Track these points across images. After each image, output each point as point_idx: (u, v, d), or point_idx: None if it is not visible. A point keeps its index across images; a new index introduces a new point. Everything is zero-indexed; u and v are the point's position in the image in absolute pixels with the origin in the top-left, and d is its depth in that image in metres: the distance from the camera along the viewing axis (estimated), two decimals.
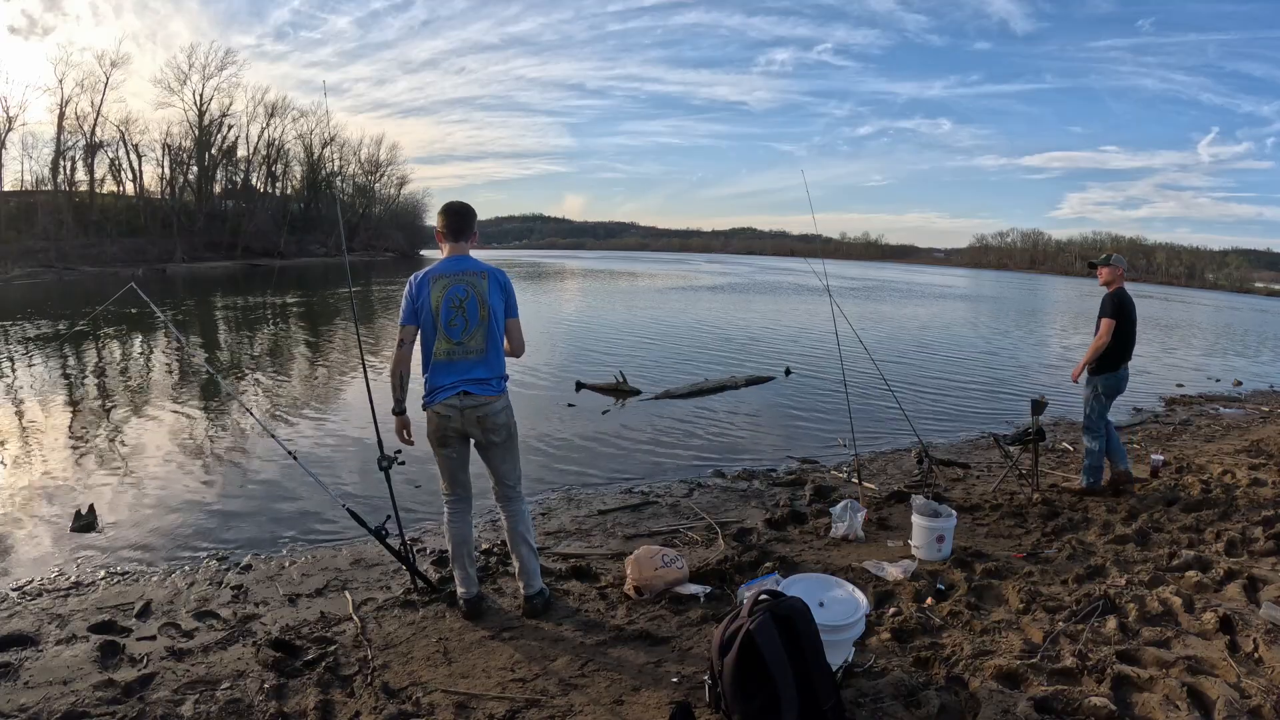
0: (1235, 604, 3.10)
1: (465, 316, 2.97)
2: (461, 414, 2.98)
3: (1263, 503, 4.65)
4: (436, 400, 2.99)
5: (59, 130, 42.42)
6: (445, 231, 3.09)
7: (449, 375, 2.98)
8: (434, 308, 2.95)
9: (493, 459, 3.12)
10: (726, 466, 6.01)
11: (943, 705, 2.36)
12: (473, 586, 3.16)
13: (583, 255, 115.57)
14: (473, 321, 2.97)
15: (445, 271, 3.00)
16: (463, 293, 2.97)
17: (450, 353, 2.96)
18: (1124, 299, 4.86)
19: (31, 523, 4.46)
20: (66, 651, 2.86)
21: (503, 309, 3.05)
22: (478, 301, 2.98)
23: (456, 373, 2.97)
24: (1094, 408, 4.93)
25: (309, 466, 3.72)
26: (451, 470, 3.13)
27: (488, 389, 3.01)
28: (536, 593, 3.16)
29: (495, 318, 3.02)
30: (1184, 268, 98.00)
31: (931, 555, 3.72)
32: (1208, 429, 7.93)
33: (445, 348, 2.96)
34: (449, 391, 2.96)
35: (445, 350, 2.96)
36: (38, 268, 33.13)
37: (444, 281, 2.98)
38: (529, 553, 3.17)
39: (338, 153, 63.97)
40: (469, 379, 2.98)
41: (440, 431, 3.03)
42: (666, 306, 23.75)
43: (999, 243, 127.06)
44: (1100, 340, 4.76)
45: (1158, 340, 19.47)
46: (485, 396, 3.00)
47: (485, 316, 2.99)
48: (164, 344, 12.37)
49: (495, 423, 3.04)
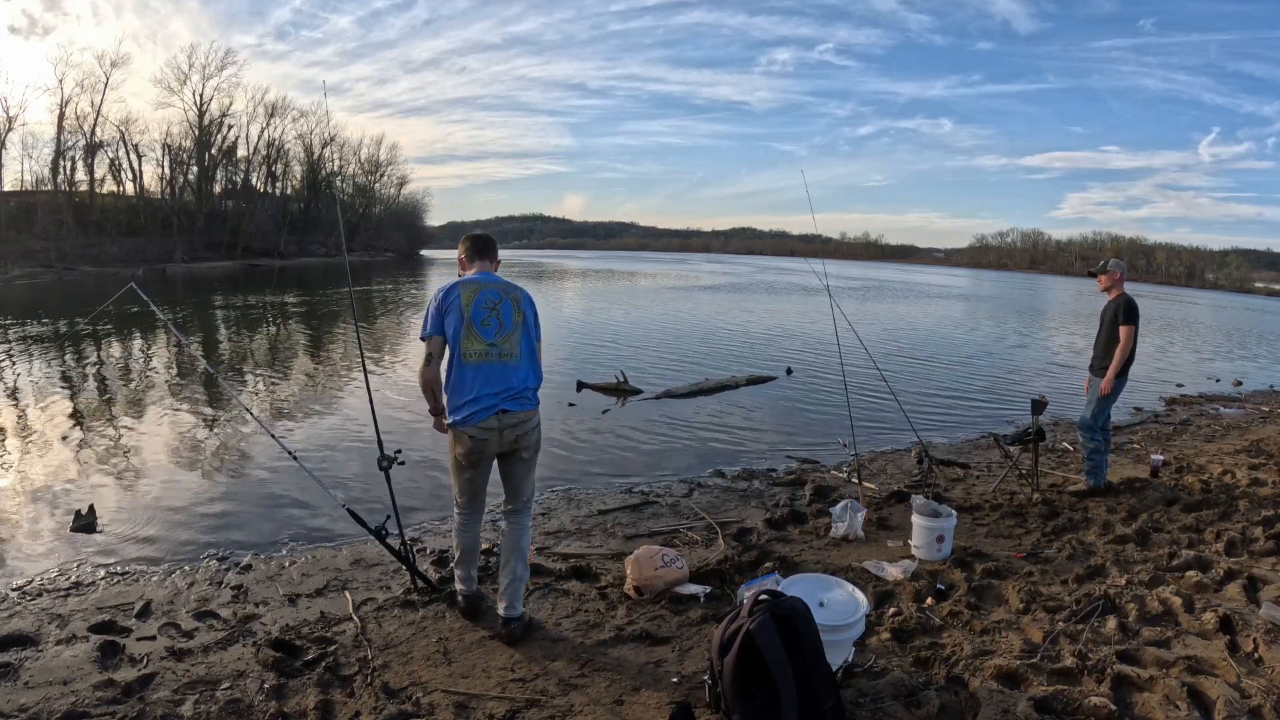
0: (1235, 604, 3.10)
1: (500, 319, 2.81)
2: (500, 434, 2.80)
3: (1263, 503, 4.65)
4: (472, 422, 2.75)
5: (59, 130, 42.43)
6: (469, 251, 3.03)
7: (484, 385, 2.75)
8: (464, 306, 2.77)
9: (515, 474, 2.98)
10: (726, 466, 6.01)
11: (943, 705, 2.36)
12: (473, 585, 3.14)
13: (582, 255, 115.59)
14: (507, 325, 2.82)
15: (476, 279, 2.88)
16: (496, 296, 2.84)
17: (484, 354, 2.76)
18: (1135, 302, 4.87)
19: (31, 523, 4.45)
20: (66, 651, 2.86)
21: (534, 323, 2.94)
22: (512, 306, 2.85)
23: (493, 382, 2.76)
24: (1101, 409, 4.90)
25: (309, 466, 3.72)
26: (474, 489, 2.98)
27: (526, 404, 2.84)
28: (516, 617, 2.93)
29: (529, 327, 2.89)
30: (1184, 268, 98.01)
31: (931, 555, 3.72)
32: (1208, 429, 7.92)
33: (478, 348, 2.75)
34: (486, 411, 2.75)
35: (478, 351, 2.75)
36: (38, 268, 33.12)
37: (475, 285, 2.84)
38: (522, 569, 2.98)
39: (338, 153, 64.03)
40: (507, 393, 2.77)
41: (473, 454, 2.83)
42: (667, 306, 23.76)
43: (999, 243, 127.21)
44: (1125, 346, 4.72)
45: (1158, 340, 19.46)
46: (524, 412, 2.83)
47: (520, 322, 2.85)
48: (164, 344, 12.36)
49: (530, 440, 2.91)
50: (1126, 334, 4.73)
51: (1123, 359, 4.75)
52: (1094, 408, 4.92)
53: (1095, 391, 4.92)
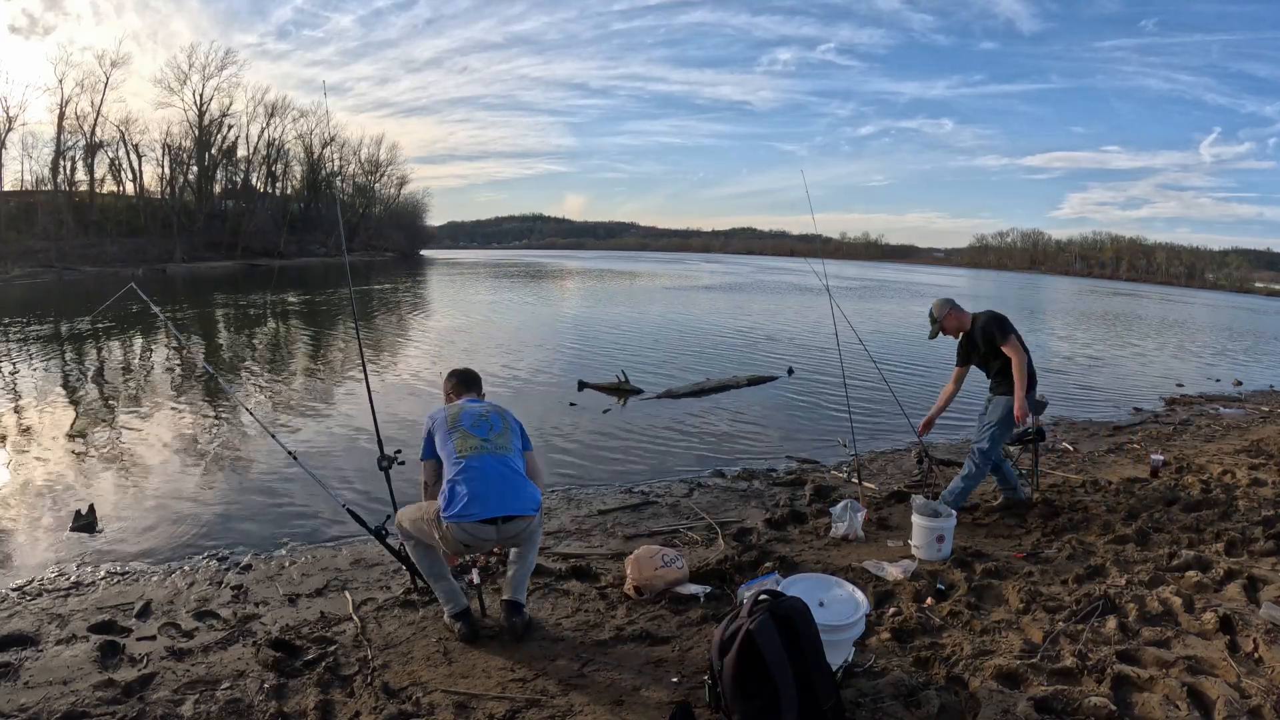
0: (1235, 604, 3.10)
1: (489, 423, 2.93)
2: (498, 535, 2.80)
3: (1263, 503, 4.65)
4: (469, 519, 2.68)
5: (59, 130, 42.44)
6: (457, 386, 3.21)
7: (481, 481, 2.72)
8: (452, 420, 2.90)
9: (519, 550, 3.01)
10: (726, 466, 6.01)
11: (943, 705, 2.36)
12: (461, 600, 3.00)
13: (582, 255, 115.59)
14: (497, 427, 2.93)
15: (461, 403, 3.05)
16: (483, 408, 3.00)
17: (479, 448, 2.80)
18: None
19: (31, 523, 4.45)
20: (66, 651, 2.86)
21: (520, 433, 3.01)
22: (500, 417, 2.98)
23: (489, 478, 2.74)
24: (997, 433, 4.27)
25: (309, 466, 3.71)
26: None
27: (528, 506, 2.81)
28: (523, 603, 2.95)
29: (515, 434, 2.98)
30: (1184, 268, 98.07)
31: (931, 555, 3.72)
32: (1208, 429, 7.92)
33: (473, 443, 2.81)
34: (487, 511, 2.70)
35: (473, 446, 2.80)
36: (38, 268, 33.12)
37: (460, 405, 3.02)
38: (532, 559, 3.04)
39: (338, 153, 64.03)
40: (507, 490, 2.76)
41: (464, 546, 2.78)
42: (668, 306, 23.76)
43: (999, 243, 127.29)
44: (1020, 357, 4.16)
45: (1158, 340, 19.46)
46: (525, 517, 2.82)
47: (508, 427, 2.96)
48: (164, 344, 12.36)
49: (530, 532, 2.93)
50: (1012, 347, 4.18)
51: (1022, 372, 4.13)
52: (985, 430, 4.34)
53: (996, 414, 4.29)
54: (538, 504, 2.89)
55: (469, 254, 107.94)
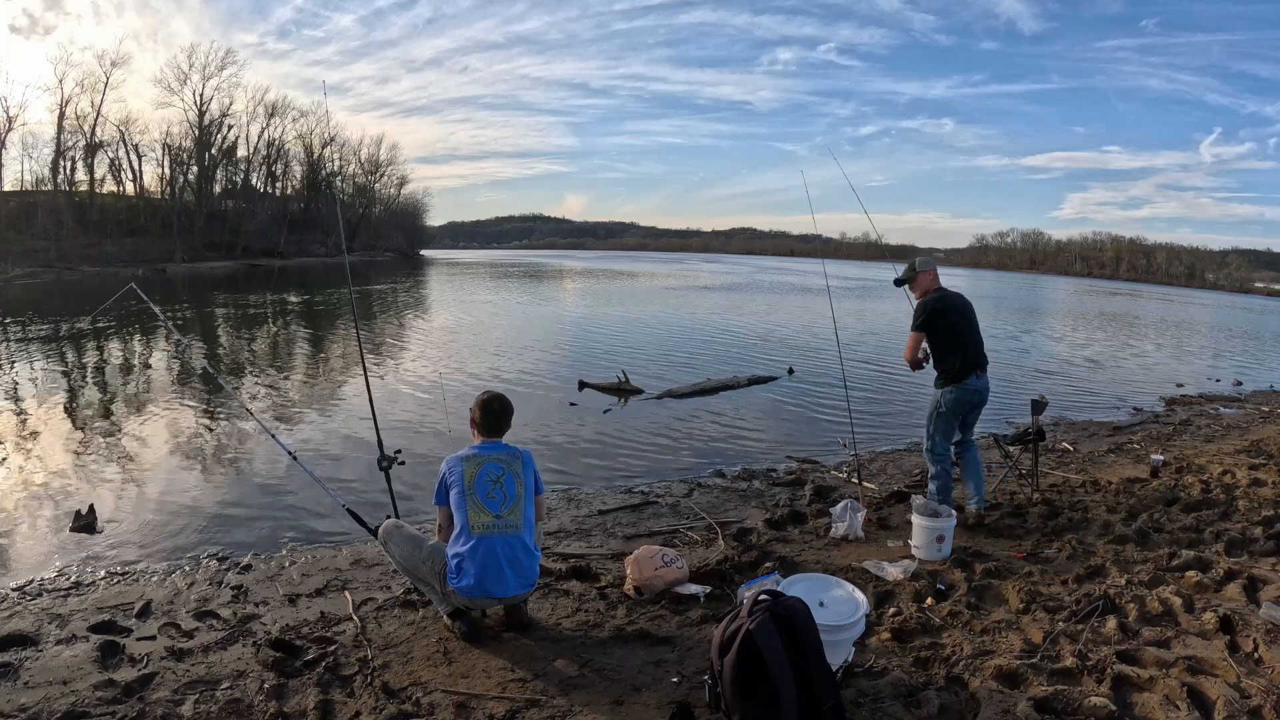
0: (1235, 604, 3.10)
1: (504, 491, 2.93)
2: (501, 605, 2.96)
3: (1263, 503, 4.64)
4: (476, 595, 2.86)
5: (59, 130, 42.52)
6: (481, 424, 3.08)
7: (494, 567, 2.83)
8: (468, 482, 2.91)
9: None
10: (726, 466, 6.01)
11: (943, 705, 2.36)
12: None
13: (582, 255, 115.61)
14: (511, 496, 2.94)
15: (479, 452, 3.01)
16: (498, 470, 2.97)
17: (490, 526, 2.87)
18: (938, 304, 4.24)
19: (31, 523, 4.46)
20: (66, 651, 2.86)
21: (533, 487, 3.05)
22: (514, 479, 2.98)
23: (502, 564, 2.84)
24: (936, 427, 4.25)
25: (309, 466, 3.72)
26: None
27: (529, 583, 2.96)
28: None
29: (529, 495, 3.01)
30: (1184, 268, 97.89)
31: (931, 555, 3.72)
32: (1208, 429, 7.93)
33: (484, 520, 2.88)
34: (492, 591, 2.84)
35: (484, 524, 2.87)
36: (38, 268, 33.14)
37: (479, 459, 2.98)
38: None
39: (338, 153, 64.10)
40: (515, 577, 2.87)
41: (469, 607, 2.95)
42: (668, 306, 23.76)
43: (999, 243, 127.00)
44: (906, 355, 4.15)
45: (1158, 340, 19.47)
46: (526, 592, 2.96)
47: (521, 494, 2.97)
48: (164, 344, 12.37)
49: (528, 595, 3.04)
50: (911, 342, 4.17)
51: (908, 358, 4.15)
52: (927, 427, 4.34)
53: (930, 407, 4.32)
54: (537, 575, 3.01)
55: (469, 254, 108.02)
